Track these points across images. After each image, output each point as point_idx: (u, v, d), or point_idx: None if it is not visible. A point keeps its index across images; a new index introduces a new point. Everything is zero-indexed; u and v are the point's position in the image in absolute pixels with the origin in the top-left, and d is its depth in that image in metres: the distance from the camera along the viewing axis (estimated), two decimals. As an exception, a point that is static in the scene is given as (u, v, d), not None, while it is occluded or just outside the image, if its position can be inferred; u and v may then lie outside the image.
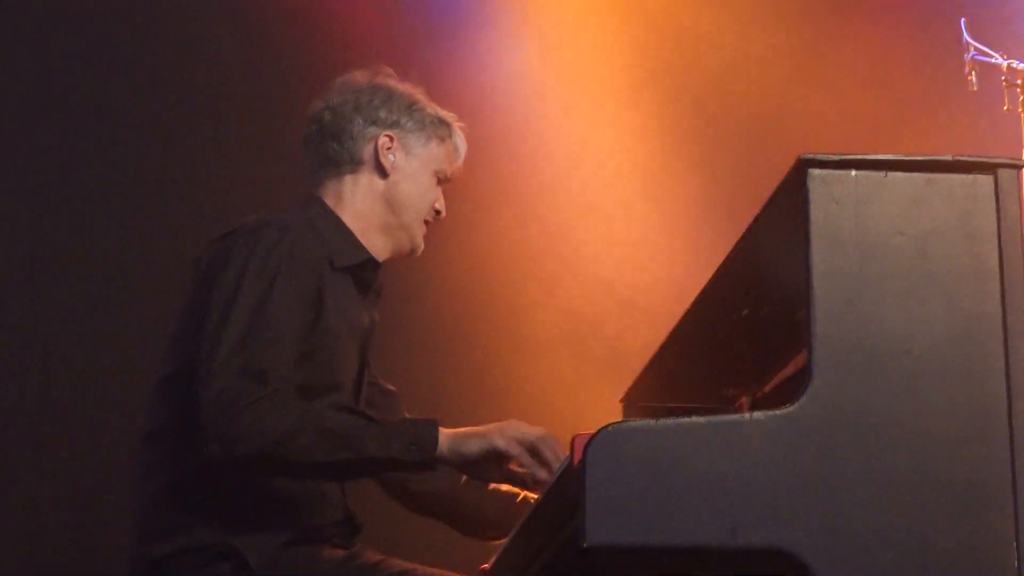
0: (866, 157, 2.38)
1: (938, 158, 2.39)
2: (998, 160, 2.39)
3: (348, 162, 3.21)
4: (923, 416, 2.30)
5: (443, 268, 4.91)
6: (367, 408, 3.16)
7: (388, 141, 3.21)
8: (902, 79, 5.24)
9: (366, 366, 3.20)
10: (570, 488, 2.34)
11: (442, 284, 5.09)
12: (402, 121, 3.22)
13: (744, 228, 2.59)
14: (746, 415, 2.30)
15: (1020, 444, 2.30)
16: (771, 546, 2.26)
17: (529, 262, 5.24)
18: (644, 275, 5.19)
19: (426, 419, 2.94)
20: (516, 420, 2.95)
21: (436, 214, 3.26)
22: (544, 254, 5.27)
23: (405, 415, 3.33)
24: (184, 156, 5.11)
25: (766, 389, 3.14)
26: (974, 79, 4.17)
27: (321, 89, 3.32)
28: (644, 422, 2.29)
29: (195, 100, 5.14)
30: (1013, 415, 2.31)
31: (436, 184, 3.26)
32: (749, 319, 3.00)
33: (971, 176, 2.38)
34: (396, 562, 3.02)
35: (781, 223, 2.49)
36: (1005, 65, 4.17)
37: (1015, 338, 2.33)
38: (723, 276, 2.77)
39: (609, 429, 2.27)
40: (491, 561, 3.21)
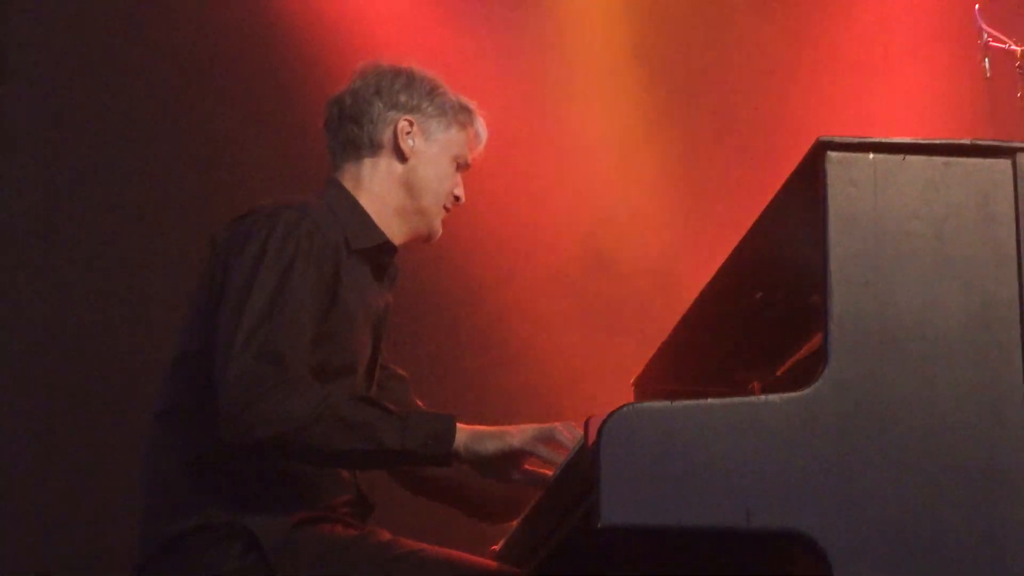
0: (884, 140, 2.38)
1: (956, 142, 2.39)
2: (1016, 144, 2.39)
3: (367, 146, 3.20)
4: (939, 399, 2.30)
5: (449, 251, 4.90)
6: (379, 392, 3.16)
7: (408, 125, 3.20)
8: (914, 65, 5.24)
9: (379, 349, 3.20)
10: (584, 468, 2.34)
11: (450, 266, 5.10)
12: (423, 106, 3.21)
13: (759, 210, 2.59)
14: (762, 397, 2.30)
15: (1035, 428, 2.31)
16: (786, 528, 2.26)
17: (541, 249, 5.26)
18: (661, 260, 5.20)
19: (444, 414, 2.93)
20: (531, 424, 2.95)
21: (455, 200, 3.25)
22: (556, 240, 5.29)
23: (416, 401, 3.33)
24: (197, 138, 5.12)
25: (778, 373, 3.14)
26: (987, 65, 4.17)
27: (327, 78, 3.31)
28: (660, 403, 2.29)
29: (209, 85, 5.16)
30: (1029, 399, 2.31)
31: (455, 170, 3.25)
32: (762, 302, 3.00)
33: (989, 160, 2.38)
34: (407, 542, 3.02)
35: (796, 206, 2.49)
36: (1020, 51, 4.17)
37: (1032, 322, 2.33)
38: (737, 259, 2.77)
39: (624, 410, 2.28)
40: (502, 542, 3.21)
